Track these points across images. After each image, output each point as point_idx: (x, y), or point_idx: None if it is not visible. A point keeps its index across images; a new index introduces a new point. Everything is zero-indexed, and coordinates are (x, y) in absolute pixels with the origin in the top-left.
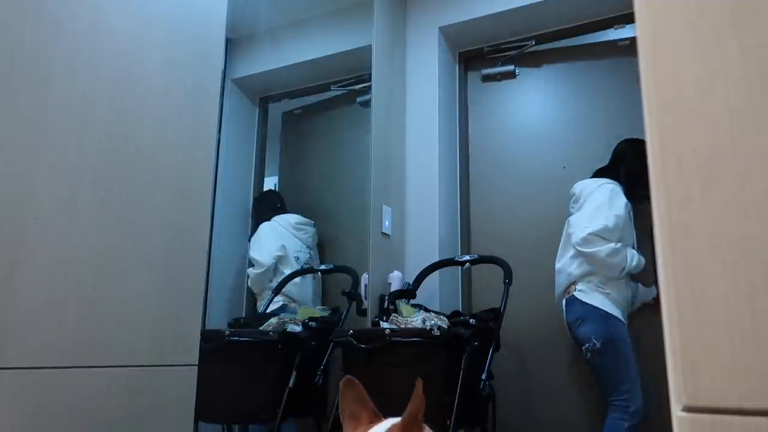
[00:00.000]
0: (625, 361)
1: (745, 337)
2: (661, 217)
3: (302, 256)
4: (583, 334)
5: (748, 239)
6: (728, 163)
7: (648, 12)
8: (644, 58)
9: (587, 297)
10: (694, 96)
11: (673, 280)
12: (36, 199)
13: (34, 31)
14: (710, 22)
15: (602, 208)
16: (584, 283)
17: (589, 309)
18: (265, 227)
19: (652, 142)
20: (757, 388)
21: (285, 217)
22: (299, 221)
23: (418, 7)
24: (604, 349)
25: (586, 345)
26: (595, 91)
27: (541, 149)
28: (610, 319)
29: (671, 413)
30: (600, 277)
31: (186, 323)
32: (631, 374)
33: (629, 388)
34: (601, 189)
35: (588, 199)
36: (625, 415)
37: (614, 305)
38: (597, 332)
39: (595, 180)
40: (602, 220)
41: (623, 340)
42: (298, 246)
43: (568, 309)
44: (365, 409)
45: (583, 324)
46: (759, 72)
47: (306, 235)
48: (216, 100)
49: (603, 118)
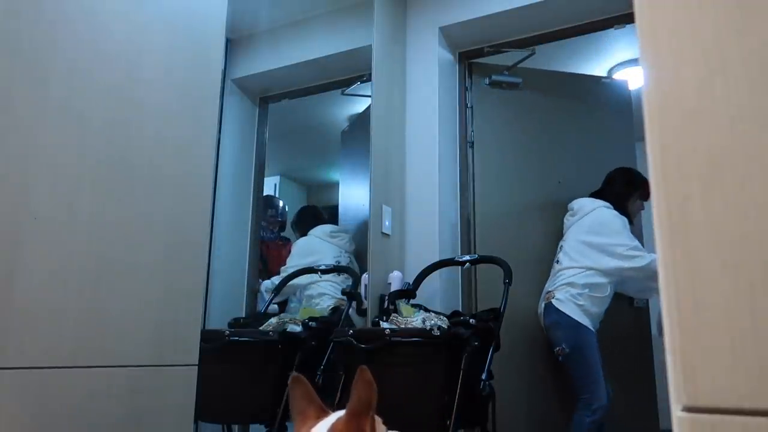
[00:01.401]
0: (591, 366)
1: (745, 337)
2: (661, 217)
3: (343, 260)
4: (554, 338)
5: (748, 239)
6: (728, 163)
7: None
8: (644, 59)
9: (562, 306)
10: (694, 96)
11: (673, 280)
12: (36, 200)
13: (33, 31)
14: (710, 22)
15: (622, 229)
16: (562, 293)
17: (562, 316)
18: (300, 242)
19: (652, 142)
20: (757, 389)
21: (320, 228)
22: (333, 230)
23: (418, 6)
24: (573, 354)
25: (557, 348)
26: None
27: (542, 150)
28: (580, 328)
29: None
30: (577, 290)
31: (186, 323)
32: (596, 377)
33: (593, 389)
34: (602, 211)
35: (588, 216)
36: (588, 411)
37: (585, 316)
38: (567, 338)
39: (592, 200)
40: (627, 239)
41: (591, 347)
42: (336, 251)
43: (545, 314)
44: (312, 404)
45: (557, 329)
46: (759, 72)
47: (342, 241)
48: (216, 100)
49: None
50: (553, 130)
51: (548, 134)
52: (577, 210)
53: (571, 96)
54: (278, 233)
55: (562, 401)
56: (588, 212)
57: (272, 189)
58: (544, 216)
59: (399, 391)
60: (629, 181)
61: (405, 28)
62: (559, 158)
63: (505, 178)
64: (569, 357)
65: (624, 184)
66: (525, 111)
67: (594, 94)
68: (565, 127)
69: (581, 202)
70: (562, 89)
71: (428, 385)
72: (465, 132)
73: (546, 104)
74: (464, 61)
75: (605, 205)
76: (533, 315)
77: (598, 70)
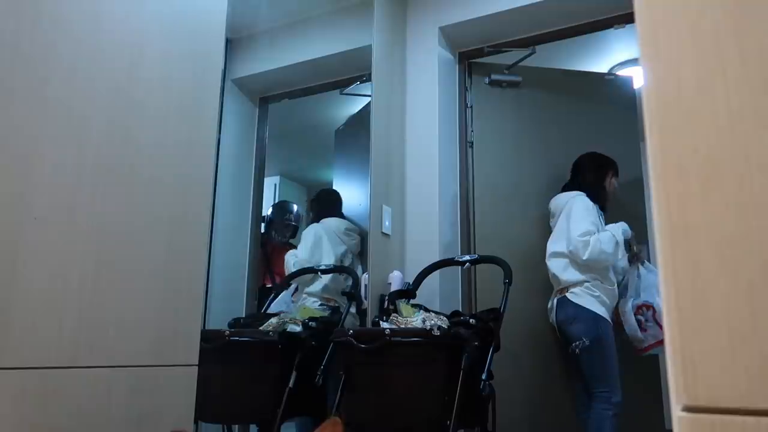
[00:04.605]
0: (610, 358)
1: (745, 337)
2: (661, 217)
3: (347, 260)
4: (574, 333)
5: (748, 239)
6: (728, 163)
7: (648, 12)
8: (644, 58)
9: (579, 299)
10: (694, 96)
11: (673, 280)
12: (36, 200)
13: (33, 31)
14: (710, 22)
15: (582, 217)
16: (578, 287)
17: (581, 310)
18: (311, 231)
19: (652, 142)
20: (757, 388)
21: (335, 222)
22: (348, 227)
23: (418, 6)
24: (593, 346)
25: (575, 342)
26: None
27: (542, 149)
28: (599, 320)
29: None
30: (592, 282)
31: (186, 323)
32: (614, 371)
33: (612, 383)
34: (573, 202)
35: (562, 213)
36: (609, 404)
37: (603, 307)
38: (587, 331)
39: (563, 194)
40: (585, 226)
41: (609, 339)
42: (343, 251)
43: (558, 309)
44: None
45: (575, 323)
46: (759, 72)
47: (353, 241)
48: (216, 100)
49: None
50: (554, 129)
51: (549, 133)
52: (554, 210)
53: (573, 94)
54: (288, 238)
55: (563, 401)
56: (563, 208)
57: (272, 189)
58: (544, 216)
59: (399, 392)
60: (599, 164)
61: (405, 28)
62: (561, 158)
63: (505, 178)
64: (589, 350)
65: (595, 169)
66: (525, 110)
67: (597, 91)
68: (567, 125)
69: (555, 201)
70: (563, 87)
71: (428, 385)
72: (465, 132)
73: (547, 103)
74: (464, 61)
75: (577, 194)
76: (533, 315)
77: (598, 69)
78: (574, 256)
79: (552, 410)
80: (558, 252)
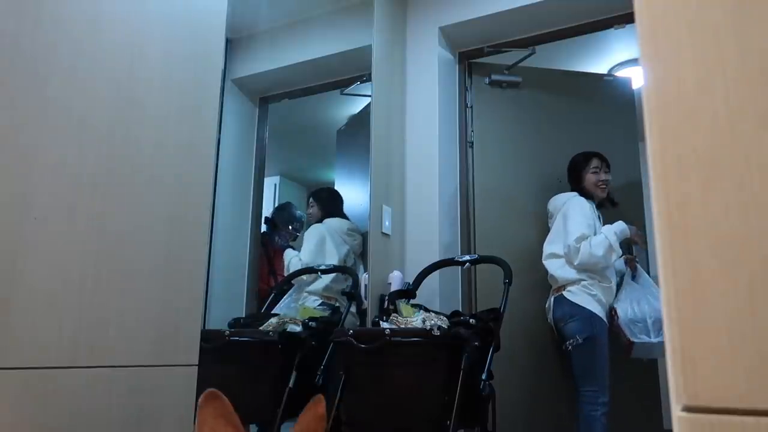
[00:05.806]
0: (601, 358)
1: (745, 337)
2: (661, 217)
3: (349, 261)
4: (569, 331)
5: (748, 239)
6: (728, 163)
7: (648, 12)
8: (644, 58)
9: (576, 298)
10: (694, 96)
11: (673, 280)
12: (36, 199)
13: (34, 31)
14: (710, 21)
15: (577, 221)
16: (575, 285)
17: (577, 308)
18: (313, 231)
19: (652, 143)
20: (756, 388)
21: (338, 223)
22: (350, 228)
23: (418, 6)
24: (585, 344)
25: (570, 340)
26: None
27: (542, 149)
28: (594, 319)
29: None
30: (589, 281)
31: (186, 323)
32: (604, 371)
33: (600, 381)
34: (569, 203)
35: (559, 214)
36: (596, 405)
37: (599, 306)
38: (582, 330)
39: (561, 195)
40: (579, 229)
41: (603, 339)
42: (345, 252)
43: (555, 307)
44: (230, 426)
45: (570, 321)
46: (759, 72)
47: (355, 242)
48: (216, 100)
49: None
50: (554, 129)
51: (549, 133)
52: (552, 211)
53: (573, 94)
54: (290, 242)
55: (563, 401)
56: (560, 209)
57: (272, 189)
58: (544, 216)
59: (399, 391)
60: (572, 167)
61: (405, 28)
62: (560, 157)
63: (505, 178)
64: (581, 347)
65: (571, 171)
66: (525, 110)
67: (596, 92)
68: (567, 126)
69: (553, 203)
70: (563, 88)
71: (428, 385)
72: (465, 132)
73: (547, 103)
74: (464, 61)
75: (574, 195)
76: (533, 315)
77: (598, 70)
78: (569, 259)
79: (552, 410)
80: (554, 253)
